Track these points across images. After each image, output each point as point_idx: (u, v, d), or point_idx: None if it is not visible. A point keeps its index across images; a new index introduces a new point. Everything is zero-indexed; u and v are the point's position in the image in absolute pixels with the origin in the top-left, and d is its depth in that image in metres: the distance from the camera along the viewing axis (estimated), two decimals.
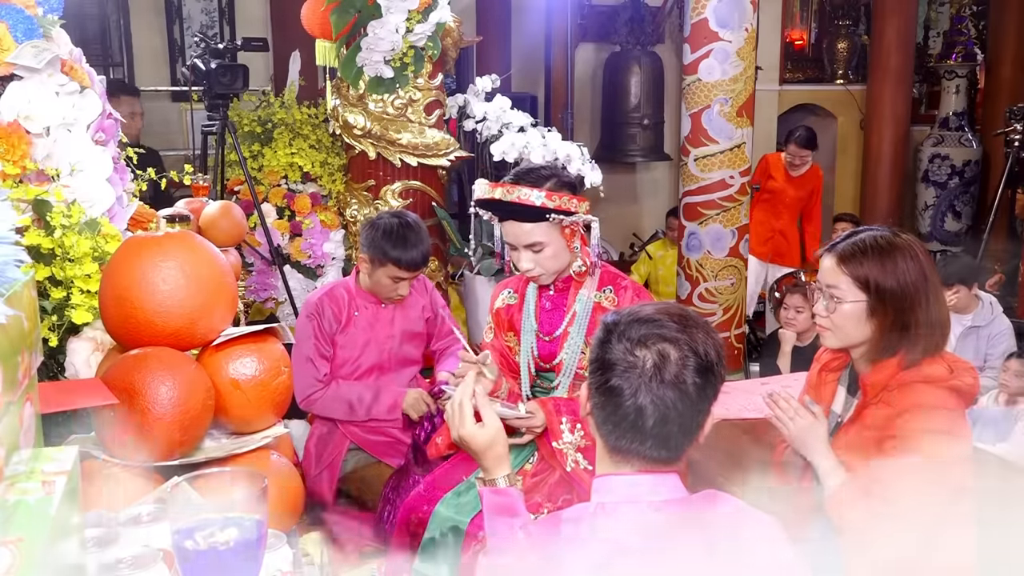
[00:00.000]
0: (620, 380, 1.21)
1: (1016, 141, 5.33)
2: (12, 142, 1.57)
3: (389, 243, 2.67)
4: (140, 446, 1.28)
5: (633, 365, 1.21)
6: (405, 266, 2.70)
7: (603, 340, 1.25)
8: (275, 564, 1.22)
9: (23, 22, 1.64)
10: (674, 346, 1.20)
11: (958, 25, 7.01)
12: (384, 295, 2.81)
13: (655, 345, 1.21)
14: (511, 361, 2.34)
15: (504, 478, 1.51)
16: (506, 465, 1.53)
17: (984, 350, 3.95)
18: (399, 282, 2.75)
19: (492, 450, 1.52)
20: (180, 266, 1.35)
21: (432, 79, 3.78)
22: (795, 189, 5.53)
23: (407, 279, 2.75)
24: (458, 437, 1.53)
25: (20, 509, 0.87)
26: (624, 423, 1.21)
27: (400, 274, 2.72)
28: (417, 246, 2.69)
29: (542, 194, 2.07)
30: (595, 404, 1.25)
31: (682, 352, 1.20)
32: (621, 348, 1.22)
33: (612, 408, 1.22)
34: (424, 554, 2.15)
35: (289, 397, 1.49)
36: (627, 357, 1.21)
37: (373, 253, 2.72)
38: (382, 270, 2.73)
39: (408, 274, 2.73)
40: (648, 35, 6.49)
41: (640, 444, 1.22)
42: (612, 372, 1.22)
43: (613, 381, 1.21)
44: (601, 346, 1.25)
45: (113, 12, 5.64)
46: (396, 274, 2.72)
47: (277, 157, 3.92)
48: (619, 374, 1.21)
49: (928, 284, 1.76)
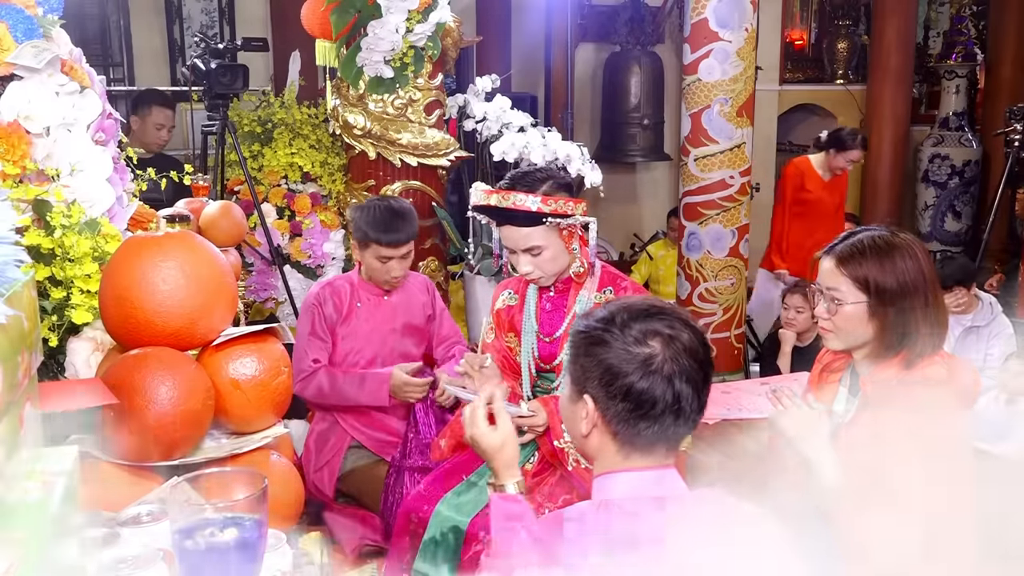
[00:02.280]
0: (647, 379, 1.21)
1: (1016, 141, 5.32)
2: (12, 142, 1.57)
3: (371, 223, 2.72)
4: (140, 446, 1.28)
5: (651, 356, 1.21)
6: (387, 243, 2.72)
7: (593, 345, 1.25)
8: (275, 564, 1.22)
9: (23, 22, 1.65)
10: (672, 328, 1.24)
11: (958, 25, 7.01)
12: (380, 280, 2.83)
13: (659, 332, 1.23)
14: (512, 362, 2.35)
15: (514, 484, 1.50)
16: (516, 471, 1.52)
17: (984, 350, 3.94)
18: (387, 262, 2.77)
19: (502, 454, 1.51)
20: (180, 266, 1.35)
21: (432, 79, 3.78)
22: (830, 195, 5.10)
23: (394, 257, 2.76)
24: (470, 436, 1.54)
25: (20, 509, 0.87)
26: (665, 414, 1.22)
27: (384, 252, 2.75)
28: (399, 224, 2.72)
29: (537, 199, 2.06)
30: (618, 411, 1.23)
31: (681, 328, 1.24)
32: (627, 345, 1.22)
33: (649, 406, 1.22)
34: (424, 554, 2.15)
35: (289, 397, 1.49)
36: (640, 351, 1.22)
37: (358, 236, 2.78)
38: (368, 252, 2.77)
39: (392, 251, 2.75)
40: (648, 35, 6.48)
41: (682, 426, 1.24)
42: (632, 374, 1.21)
43: (640, 383, 1.21)
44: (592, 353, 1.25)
45: (113, 12, 5.64)
46: (381, 253, 2.75)
47: (277, 157, 3.92)
48: (642, 372, 1.21)
49: (927, 283, 1.76)
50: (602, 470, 1.28)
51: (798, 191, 5.09)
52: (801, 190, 5.08)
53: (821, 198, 5.05)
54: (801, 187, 5.08)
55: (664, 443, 1.25)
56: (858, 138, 4.94)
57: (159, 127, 4.19)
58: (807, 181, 5.06)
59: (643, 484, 1.23)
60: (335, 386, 2.79)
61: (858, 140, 4.93)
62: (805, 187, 5.07)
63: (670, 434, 1.24)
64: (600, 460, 1.29)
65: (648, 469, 1.24)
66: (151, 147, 4.15)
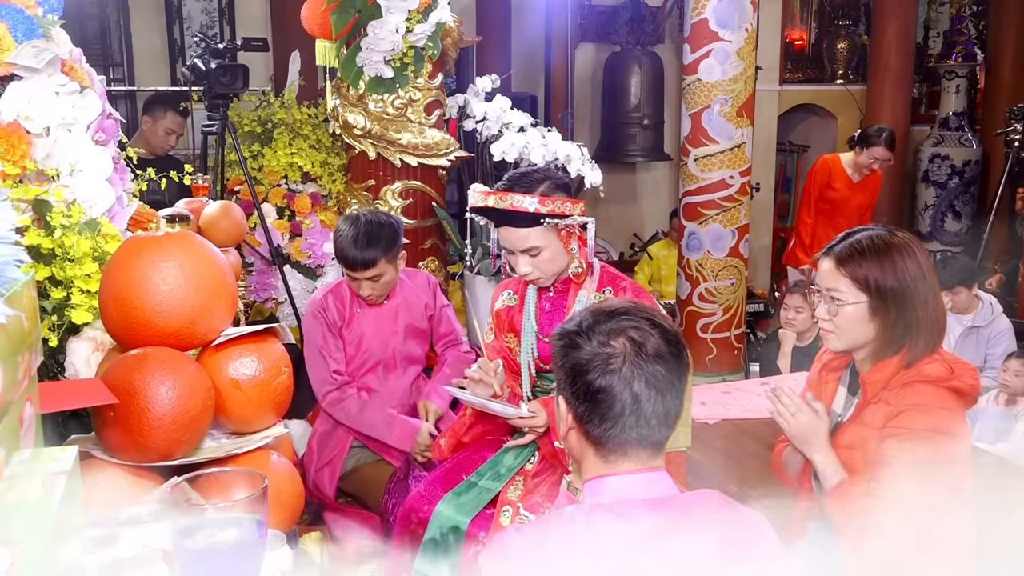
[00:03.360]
0: (605, 377, 1.21)
1: (1016, 141, 5.33)
2: (12, 142, 1.57)
3: (338, 243, 2.71)
4: (140, 446, 1.28)
5: (612, 356, 1.22)
6: (349, 266, 2.71)
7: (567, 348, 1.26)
8: (275, 564, 1.22)
9: (23, 22, 1.65)
10: (638, 329, 1.23)
11: (958, 25, 7.01)
12: (362, 295, 2.82)
13: (624, 332, 1.23)
14: (512, 362, 2.35)
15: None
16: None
17: (984, 350, 3.95)
18: (355, 281, 2.76)
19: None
20: (180, 266, 1.35)
21: (432, 79, 3.78)
22: (859, 194, 5.06)
23: (359, 279, 2.74)
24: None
25: (20, 509, 0.87)
26: (624, 415, 1.21)
27: (351, 274, 2.74)
28: (360, 247, 2.67)
29: (535, 200, 2.06)
30: (583, 412, 1.24)
31: (649, 330, 1.23)
32: (593, 346, 1.23)
33: (607, 405, 1.21)
34: (424, 554, 2.15)
35: (289, 397, 1.49)
36: (603, 351, 1.22)
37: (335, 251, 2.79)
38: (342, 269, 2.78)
39: (357, 274, 2.72)
40: (648, 35, 6.48)
41: (644, 428, 1.22)
42: (592, 372, 1.22)
43: (599, 381, 1.21)
44: (566, 355, 1.25)
45: (113, 12, 5.64)
46: (349, 273, 2.75)
47: (277, 157, 3.92)
48: (601, 371, 1.21)
49: (927, 281, 1.77)
50: (589, 474, 1.27)
51: (824, 189, 5.06)
52: (827, 188, 5.05)
53: (847, 197, 5.01)
54: (828, 185, 5.04)
55: (637, 445, 1.23)
56: (884, 134, 4.87)
57: (169, 132, 4.21)
58: (834, 179, 5.03)
59: (633, 487, 1.23)
60: (363, 417, 2.79)
61: (883, 136, 4.85)
62: (832, 185, 5.03)
63: (637, 436, 1.22)
64: (584, 464, 1.28)
65: (635, 472, 1.23)
66: (156, 150, 4.16)
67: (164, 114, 4.18)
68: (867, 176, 5.01)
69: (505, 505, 2.14)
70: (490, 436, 2.36)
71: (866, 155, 4.89)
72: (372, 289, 2.77)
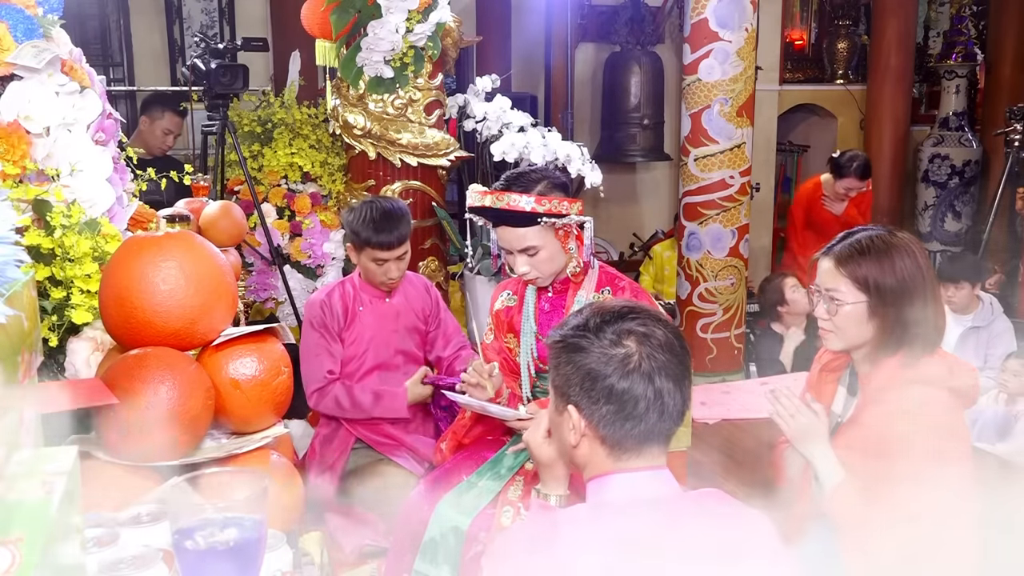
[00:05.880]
0: (627, 378, 1.21)
1: (1016, 141, 5.32)
2: (12, 142, 1.57)
3: (363, 225, 2.70)
4: (140, 446, 1.28)
5: (628, 356, 1.22)
6: (378, 245, 2.71)
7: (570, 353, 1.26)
8: (275, 564, 1.22)
9: (23, 22, 1.65)
10: (644, 325, 1.25)
11: (958, 25, 7.00)
12: (377, 282, 2.82)
13: (631, 333, 1.23)
14: (511, 363, 2.35)
15: (557, 498, 1.54)
16: (563, 487, 1.55)
17: (984, 350, 3.94)
18: (383, 264, 2.76)
19: (553, 469, 1.53)
20: (180, 266, 1.35)
21: (432, 79, 3.78)
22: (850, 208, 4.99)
23: (388, 259, 2.75)
24: (526, 440, 1.57)
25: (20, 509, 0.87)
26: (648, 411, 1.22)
27: (379, 255, 2.73)
28: (391, 225, 2.70)
29: (532, 199, 2.06)
30: (603, 416, 1.23)
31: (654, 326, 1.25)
32: (603, 351, 1.23)
33: (632, 405, 1.22)
34: (424, 554, 2.15)
35: (289, 397, 1.49)
36: (617, 352, 1.23)
37: (352, 239, 2.77)
38: (364, 255, 2.76)
39: (386, 253, 2.73)
40: (648, 35, 6.48)
41: (666, 422, 1.24)
42: (612, 375, 1.22)
43: (620, 383, 1.22)
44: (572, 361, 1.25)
45: (113, 12, 5.64)
46: (376, 256, 2.74)
47: (277, 157, 3.92)
48: (620, 372, 1.22)
49: (926, 281, 1.76)
50: (594, 473, 1.27)
51: (808, 214, 5.07)
52: (811, 213, 5.05)
53: (836, 217, 4.96)
54: (810, 211, 5.05)
55: (653, 442, 1.25)
56: (855, 164, 4.75)
57: (167, 132, 4.21)
58: (815, 205, 5.03)
59: (638, 485, 1.23)
60: (353, 399, 2.80)
61: (854, 168, 4.74)
62: (814, 210, 5.04)
63: (657, 431, 1.24)
64: (591, 466, 1.28)
65: (641, 470, 1.24)
66: (153, 150, 4.16)
67: (162, 114, 4.18)
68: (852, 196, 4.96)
69: (506, 505, 2.14)
70: (490, 437, 2.37)
71: (839, 185, 4.85)
72: (399, 270, 2.79)
